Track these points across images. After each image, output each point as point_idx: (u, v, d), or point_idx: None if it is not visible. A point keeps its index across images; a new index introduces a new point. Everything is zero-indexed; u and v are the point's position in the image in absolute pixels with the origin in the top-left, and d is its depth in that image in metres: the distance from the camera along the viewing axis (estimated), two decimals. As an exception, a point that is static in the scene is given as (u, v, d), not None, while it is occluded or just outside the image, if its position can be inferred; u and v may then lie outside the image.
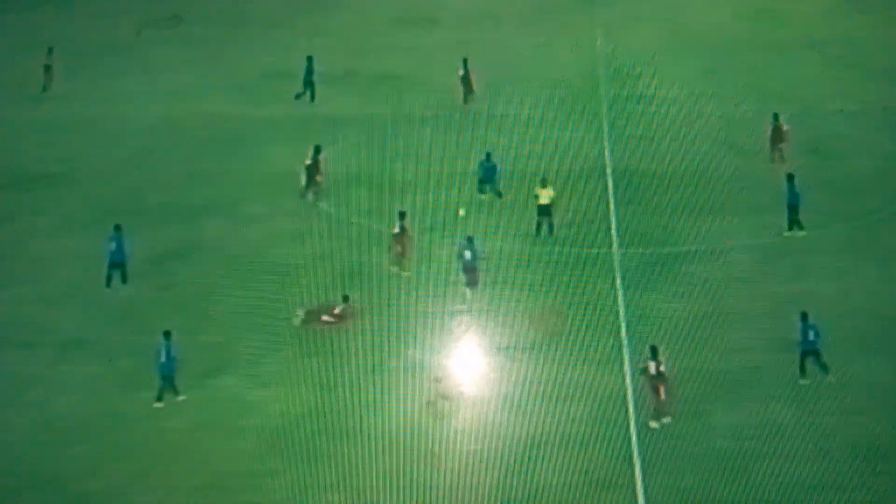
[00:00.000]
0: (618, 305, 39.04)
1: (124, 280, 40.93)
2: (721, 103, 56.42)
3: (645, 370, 33.39)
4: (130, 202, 46.37)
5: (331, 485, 30.88)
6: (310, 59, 57.21)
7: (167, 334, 34.64)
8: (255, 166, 49.31)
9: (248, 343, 37.22)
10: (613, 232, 44.01)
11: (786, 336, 36.18)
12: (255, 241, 44.00)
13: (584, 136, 52.45)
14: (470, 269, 40.19)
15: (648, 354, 33.44)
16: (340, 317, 38.27)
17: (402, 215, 41.81)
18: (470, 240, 40.37)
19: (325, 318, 38.20)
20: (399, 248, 41.57)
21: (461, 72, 56.11)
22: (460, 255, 40.34)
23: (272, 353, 36.94)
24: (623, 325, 37.80)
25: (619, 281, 40.59)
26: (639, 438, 32.27)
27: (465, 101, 56.01)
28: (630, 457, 31.54)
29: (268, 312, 38.78)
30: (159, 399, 34.43)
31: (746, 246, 43.12)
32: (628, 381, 34.72)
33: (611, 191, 47.41)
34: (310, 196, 46.58)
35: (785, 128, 49.79)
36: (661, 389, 32.98)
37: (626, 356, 35.97)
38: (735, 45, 66.50)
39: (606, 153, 51.09)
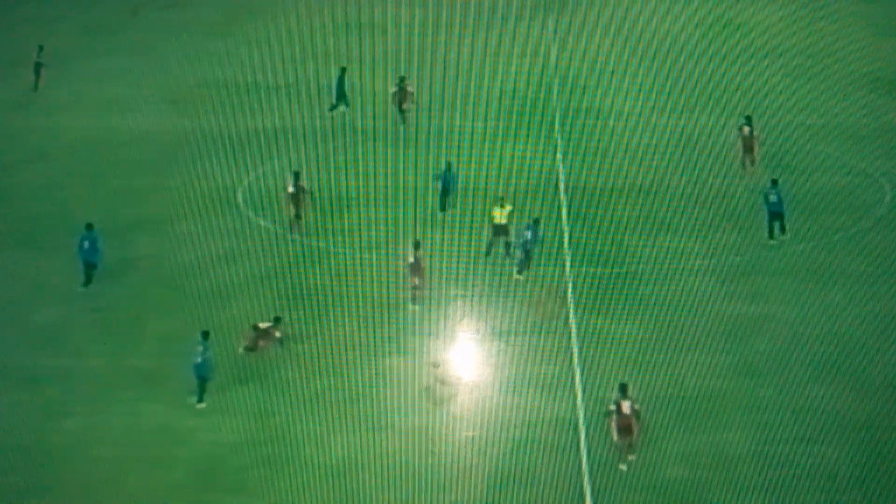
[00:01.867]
0: (569, 328, 37.93)
1: (90, 280, 40.95)
2: (677, 116, 55.64)
3: (617, 410, 31.76)
4: (60, 220, 45.08)
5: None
6: (343, 69, 56.22)
7: (205, 334, 34.63)
8: (188, 182, 48.14)
9: (181, 368, 35.48)
10: (566, 251, 42.79)
11: (743, 360, 35.59)
12: (188, 260, 42.69)
13: (535, 151, 51.65)
14: (526, 249, 40.94)
15: (618, 393, 31.93)
16: (281, 340, 36.79)
17: (416, 245, 39.73)
18: (536, 222, 41.19)
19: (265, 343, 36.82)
20: (415, 279, 39.61)
21: (394, 89, 54.86)
22: (520, 234, 41.10)
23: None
24: (575, 348, 36.66)
25: (570, 302, 39.48)
26: (589, 467, 31.29)
27: (403, 120, 54.79)
28: (580, 487, 30.63)
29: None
30: (200, 400, 34.43)
31: (703, 266, 42.26)
32: (579, 406, 33.70)
33: (563, 208, 46.30)
34: (297, 227, 44.64)
35: (746, 131, 48.84)
36: (634, 428, 31.60)
37: (577, 381, 34.91)
38: (693, 54, 65.86)
39: (559, 168, 50.10)
